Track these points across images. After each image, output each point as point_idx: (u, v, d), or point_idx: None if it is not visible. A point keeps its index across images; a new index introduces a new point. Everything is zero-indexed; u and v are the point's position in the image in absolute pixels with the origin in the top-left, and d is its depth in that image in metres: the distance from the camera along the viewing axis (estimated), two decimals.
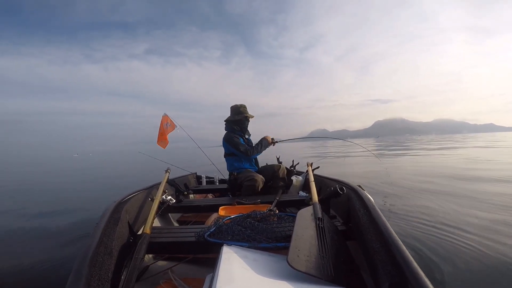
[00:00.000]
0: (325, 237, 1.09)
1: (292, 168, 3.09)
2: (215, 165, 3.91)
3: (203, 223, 2.14)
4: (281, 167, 2.78)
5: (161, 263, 1.67)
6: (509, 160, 8.29)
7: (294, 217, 1.33)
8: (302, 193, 2.36)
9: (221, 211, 1.91)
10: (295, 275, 0.89)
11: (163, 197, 1.92)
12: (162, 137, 3.77)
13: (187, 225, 2.43)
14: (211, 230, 1.35)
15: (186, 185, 3.01)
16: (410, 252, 0.85)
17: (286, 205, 2.23)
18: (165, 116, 3.83)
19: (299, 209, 1.40)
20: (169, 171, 2.37)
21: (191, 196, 3.13)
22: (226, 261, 0.94)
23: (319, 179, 2.29)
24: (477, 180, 4.97)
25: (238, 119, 2.78)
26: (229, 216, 1.55)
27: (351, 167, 8.69)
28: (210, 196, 3.28)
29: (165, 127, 3.79)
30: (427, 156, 11.86)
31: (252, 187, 2.46)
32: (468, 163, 8.00)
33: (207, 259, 1.63)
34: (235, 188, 2.82)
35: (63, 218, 4.11)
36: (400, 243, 0.89)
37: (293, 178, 2.73)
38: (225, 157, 2.89)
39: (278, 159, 3.24)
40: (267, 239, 1.22)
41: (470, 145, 18.10)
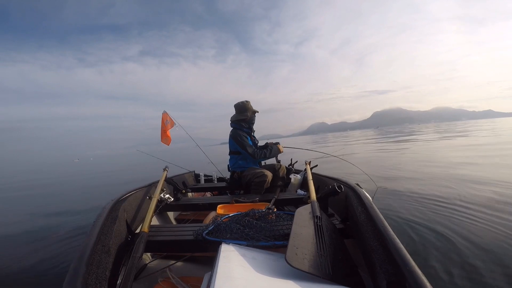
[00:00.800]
0: (323, 235, 1.09)
1: (290, 166, 3.09)
2: (213, 163, 3.91)
3: (201, 221, 2.14)
4: (281, 166, 2.78)
5: (159, 261, 1.66)
6: None
7: (292, 215, 1.33)
8: (300, 192, 2.36)
9: (220, 210, 1.91)
10: (293, 273, 0.89)
11: (161, 195, 1.92)
12: (164, 135, 3.77)
13: (185, 223, 2.42)
14: (210, 228, 1.35)
15: (184, 184, 3.00)
16: (407, 250, 0.85)
17: (284, 204, 2.23)
18: (165, 113, 3.82)
19: (297, 207, 1.40)
20: (167, 169, 2.36)
21: (189, 194, 3.12)
22: (224, 259, 0.94)
23: (317, 178, 2.30)
24: None
25: (245, 118, 2.70)
26: (228, 214, 1.55)
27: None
28: (208, 194, 3.27)
29: (166, 125, 3.79)
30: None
31: (263, 183, 2.44)
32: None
33: (206, 258, 1.63)
34: (238, 186, 2.81)
35: (62, 219, 4.11)
36: (397, 241, 0.90)
37: (292, 176, 2.73)
38: (230, 155, 2.85)
39: (276, 158, 3.24)
40: (265, 237, 1.22)
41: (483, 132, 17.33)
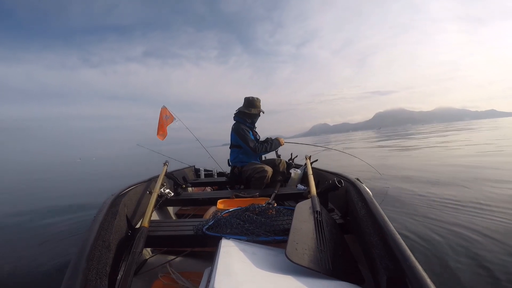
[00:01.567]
0: (323, 231, 1.09)
1: (290, 161, 3.08)
2: (213, 158, 3.91)
3: (202, 216, 2.15)
4: (282, 161, 2.77)
5: (159, 256, 1.67)
6: None
7: (292, 210, 1.33)
8: (300, 186, 2.36)
9: (220, 205, 1.91)
10: (293, 268, 0.89)
11: (161, 190, 1.91)
12: (161, 129, 3.74)
13: (186, 218, 2.43)
14: (210, 223, 1.35)
15: (184, 178, 3.00)
16: (408, 245, 0.85)
17: (284, 199, 2.23)
18: (164, 108, 3.79)
19: (297, 202, 1.40)
20: (167, 164, 2.35)
21: (190, 189, 3.13)
22: (224, 254, 0.94)
23: (317, 172, 2.29)
24: None
25: (252, 113, 2.70)
26: (228, 209, 1.54)
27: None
28: (208, 189, 3.28)
29: (165, 119, 3.77)
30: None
31: (263, 178, 2.44)
32: None
33: (206, 253, 1.63)
34: (238, 181, 2.80)
35: (63, 215, 4.13)
36: (398, 236, 0.89)
37: (292, 171, 2.73)
38: (230, 149, 2.83)
39: (277, 152, 3.23)
40: (265, 232, 1.22)
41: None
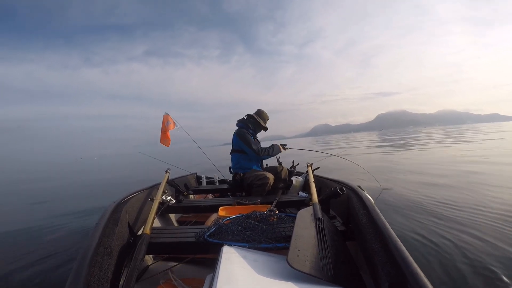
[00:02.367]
0: (325, 238, 1.09)
1: (292, 168, 3.09)
2: (215, 165, 3.92)
3: (203, 223, 2.14)
4: (283, 168, 2.78)
5: (161, 263, 1.66)
6: None
7: (294, 217, 1.33)
8: (302, 194, 2.36)
9: (221, 212, 1.91)
10: (295, 275, 0.89)
11: (163, 197, 1.92)
12: (164, 136, 3.79)
13: (187, 225, 2.43)
14: (211, 230, 1.35)
15: (186, 185, 3.01)
16: (409, 251, 0.85)
17: (286, 206, 2.23)
18: (166, 115, 3.85)
19: (299, 209, 1.40)
20: (169, 171, 2.37)
21: (191, 196, 3.13)
22: (226, 261, 0.94)
23: (319, 180, 2.29)
24: None
25: (260, 125, 2.78)
26: (229, 216, 1.55)
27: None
28: (210, 196, 3.27)
29: (167, 126, 3.82)
30: None
31: (264, 185, 2.44)
32: None
33: (207, 260, 1.63)
34: (240, 188, 2.80)
35: (64, 220, 4.12)
36: (399, 243, 0.89)
37: (293, 178, 2.73)
38: (232, 154, 2.83)
39: (278, 160, 3.24)
40: (267, 239, 1.22)
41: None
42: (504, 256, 1.85)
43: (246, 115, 2.83)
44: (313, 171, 2.43)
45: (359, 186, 1.62)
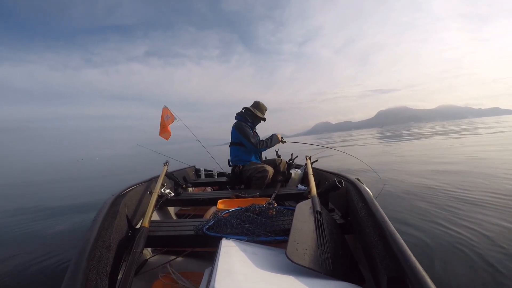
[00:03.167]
0: (323, 231, 1.09)
1: (291, 161, 3.08)
2: (214, 158, 3.91)
3: (202, 216, 2.15)
4: (282, 161, 2.77)
5: (159, 257, 1.67)
6: None
7: (292, 210, 1.32)
8: (300, 186, 2.36)
9: (220, 205, 1.91)
10: (293, 268, 0.89)
11: (162, 190, 1.91)
12: (164, 129, 3.78)
13: (186, 218, 2.43)
14: (210, 223, 1.34)
15: (184, 178, 3.00)
16: (408, 245, 0.85)
17: (285, 199, 2.23)
18: (165, 108, 3.82)
19: (298, 202, 1.40)
20: (167, 164, 2.35)
21: (190, 189, 3.13)
22: (225, 254, 0.94)
23: (318, 172, 2.29)
24: None
25: (257, 116, 2.75)
26: (228, 209, 1.54)
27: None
28: (208, 189, 3.28)
29: (166, 119, 3.79)
30: None
31: (264, 178, 2.44)
32: None
33: (206, 253, 1.63)
34: (239, 181, 2.80)
35: (63, 215, 4.14)
36: (398, 236, 0.89)
37: (292, 171, 2.73)
38: (230, 147, 2.82)
39: (277, 152, 3.23)
40: (266, 232, 1.22)
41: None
42: (506, 250, 1.83)
43: (243, 108, 2.81)
44: (312, 163, 2.43)
45: (358, 179, 1.61)
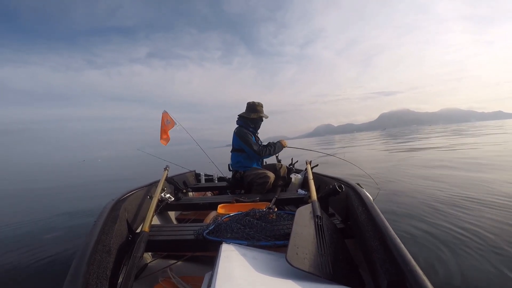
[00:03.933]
0: (324, 235, 1.09)
1: (291, 166, 3.09)
2: (214, 162, 3.92)
3: (202, 221, 2.14)
4: (282, 166, 2.78)
5: (160, 261, 1.66)
6: None
7: (293, 215, 1.33)
8: (301, 191, 2.36)
9: (220, 209, 1.90)
10: (294, 273, 0.89)
11: (162, 195, 1.92)
12: (164, 134, 3.79)
13: (186, 223, 2.43)
14: (210, 228, 1.35)
15: (185, 183, 3.00)
16: (408, 250, 0.85)
17: (285, 203, 2.23)
18: (165, 113, 3.84)
19: (298, 207, 1.40)
20: (168, 169, 2.36)
21: (190, 194, 3.13)
22: (225, 259, 0.94)
23: (318, 177, 2.29)
24: None
25: (253, 118, 2.72)
26: (228, 214, 1.54)
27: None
28: (209, 194, 3.27)
29: (166, 124, 3.81)
30: None
31: (265, 184, 2.43)
32: None
33: (206, 257, 1.63)
34: (239, 186, 2.80)
35: (63, 219, 4.12)
36: (398, 241, 0.89)
37: (292, 176, 2.73)
38: (232, 152, 2.83)
39: (277, 157, 3.24)
40: (266, 237, 1.22)
41: None
42: (506, 253, 1.83)
43: (238, 116, 2.81)
44: (312, 168, 2.44)
45: (358, 183, 1.62)
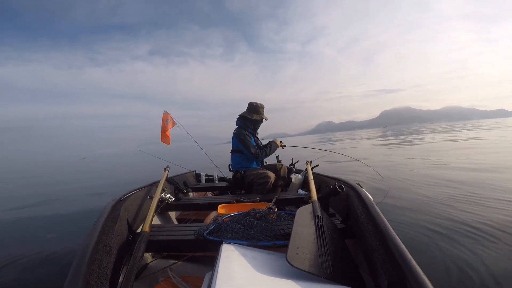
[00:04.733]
0: (324, 235, 1.09)
1: (291, 166, 3.09)
2: (214, 163, 3.92)
3: (202, 221, 2.14)
4: (282, 166, 2.78)
5: (160, 261, 1.67)
6: None
7: (293, 215, 1.33)
8: (301, 191, 2.36)
9: (220, 209, 1.91)
10: (294, 273, 0.89)
11: (162, 195, 1.92)
12: (164, 134, 3.80)
13: (186, 223, 2.43)
14: (210, 228, 1.35)
15: (185, 183, 3.01)
16: (409, 250, 0.85)
17: (285, 203, 2.23)
18: (166, 113, 3.84)
19: (298, 207, 1.40)
20: (168, 169, 2.36)
21: (190, 194, 3.13)
22: (225, 259, 0.94)
23: (318, 177, 2.29)
24: None
25: (254, 119, 2.71)
26: (228, 214, 1.55)
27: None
28: (209, 194, 3.27)
29: (166, 124, 3.82)
30: None
31: (265, 184, 2.43)
32: None
33: (206, 257, 1.63)
34: (240, 186, 2.80)
35: (63, 218, 4.13)
36: (399, 241, 0.89)
37: (292, 176, 2.73)
38: (232, 153, 2.84)
39: (277, 157, 3.24)
40: (266, 237, 1.22)
41: None
42: (507, 253, 1.83)
43: (239, 116, 2.80)
44: (312, 168, 2.43)
45: (358, 183, 1.62)
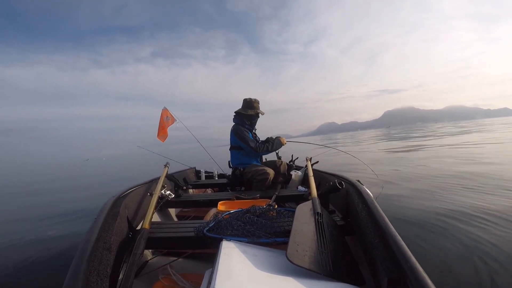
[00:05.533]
0: (324, 232, 1.09)
1: (291, 163, 3.08)
2: (214, 159, 3.91)
3: (202, 218, 2.15)
4: (282, 162, 2.78)
5: (160, 258, 1.67)
6: None
7: (293, 212, 1.33)
8: (301, 188, 2.36)
9: (220, 206, 1.91)
10: (294, 270, 0.89)
11: (162, 192, 1.91)
12: (162, 131, 3.76)
13: (186, 220, 2.44)
14: (210, 225, 1.35)
15: (185, 180, 3.01)
16: (408, 246, 0.85)
17: (285, 200, 2.23)
18: (165, 109, 3.80)
19: (298, 204, 1.40)
20: (168, 165, 2.36)
21: (190, 191, 3.13)
22: (225, 256, 0.94)
23: (318, 174, 2.29)
24: None
25: (249, 114, 2.71)
26: (228, 211, 1.55)
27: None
28: (209, 191, 3.28)
29: (165, 121, 3.78)
30: None
31: (265, 180, 2.44)
32: None
33: (206, 255, 1.63)
34: (239, 183, 2.80)
35: (63, 217, 4.14)
36: (399, 238, 0.89)
37: (292, 173, 2.73)
38: (230, 150, 2.83)
39: (277, 154, 3.23)
40: (266, 234, 1.22)
41: None
42: (508, 251, 1.81)
43: (234, 112, 2.80)
44: (312, 165, 2.43)
45: (358, 180, 1.62)
